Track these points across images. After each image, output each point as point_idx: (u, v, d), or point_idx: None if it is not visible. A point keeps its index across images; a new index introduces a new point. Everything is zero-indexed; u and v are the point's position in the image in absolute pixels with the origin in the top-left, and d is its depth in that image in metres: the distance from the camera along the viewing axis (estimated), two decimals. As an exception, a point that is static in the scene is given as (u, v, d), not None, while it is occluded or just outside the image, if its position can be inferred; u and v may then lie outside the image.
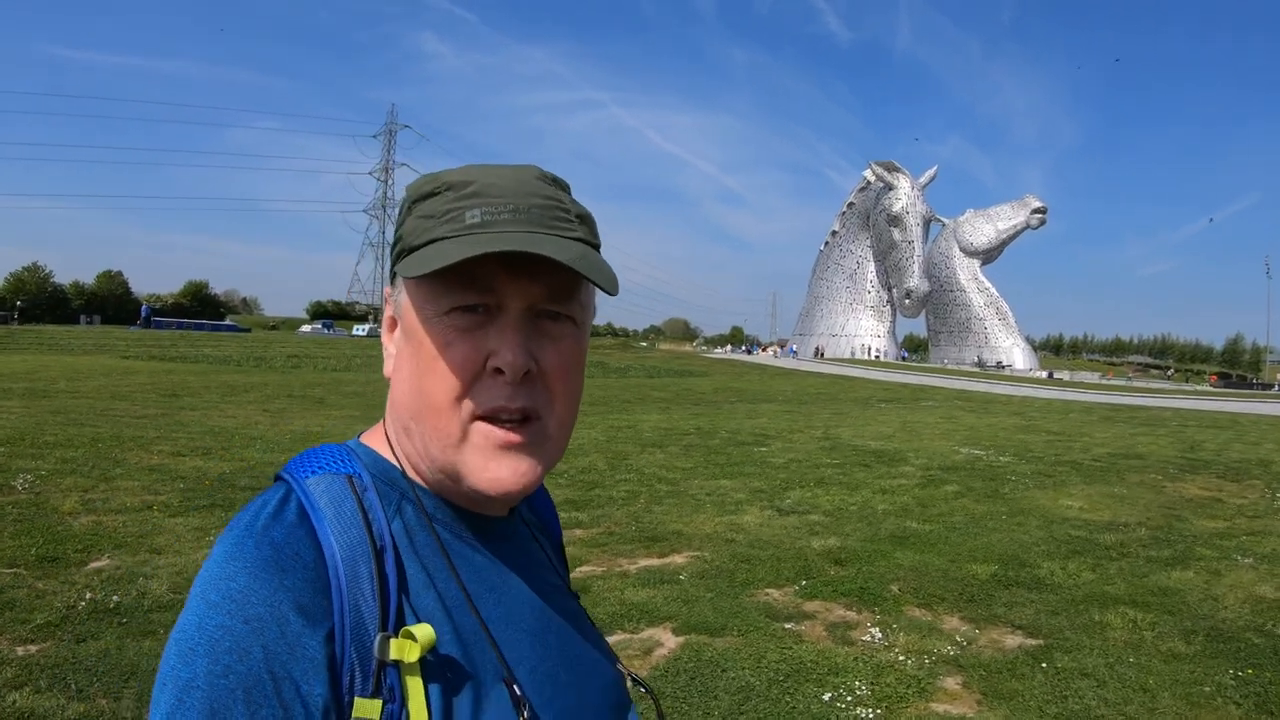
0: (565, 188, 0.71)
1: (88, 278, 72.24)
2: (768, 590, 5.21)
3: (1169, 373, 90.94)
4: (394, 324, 0.72)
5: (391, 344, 0.72)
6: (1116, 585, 5.53)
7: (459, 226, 0.64)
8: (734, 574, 5.52)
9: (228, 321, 67.82)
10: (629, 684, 0.79)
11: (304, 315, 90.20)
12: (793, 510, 7.77)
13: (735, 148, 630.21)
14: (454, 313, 0.65)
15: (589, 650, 0.76)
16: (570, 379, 0.69)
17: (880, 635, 4.45)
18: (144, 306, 57.83)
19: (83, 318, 59.17)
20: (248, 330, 57.28)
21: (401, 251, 0.68)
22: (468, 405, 0.66)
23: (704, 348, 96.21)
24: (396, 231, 0.71)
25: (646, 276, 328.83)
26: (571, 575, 1.38)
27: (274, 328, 71.54)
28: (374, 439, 0.74)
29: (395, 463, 0.71)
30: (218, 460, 8.52)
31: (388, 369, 0.72)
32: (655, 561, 5.78)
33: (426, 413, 0.66)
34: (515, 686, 0.64)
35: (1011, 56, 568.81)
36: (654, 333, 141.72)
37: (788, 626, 4.53)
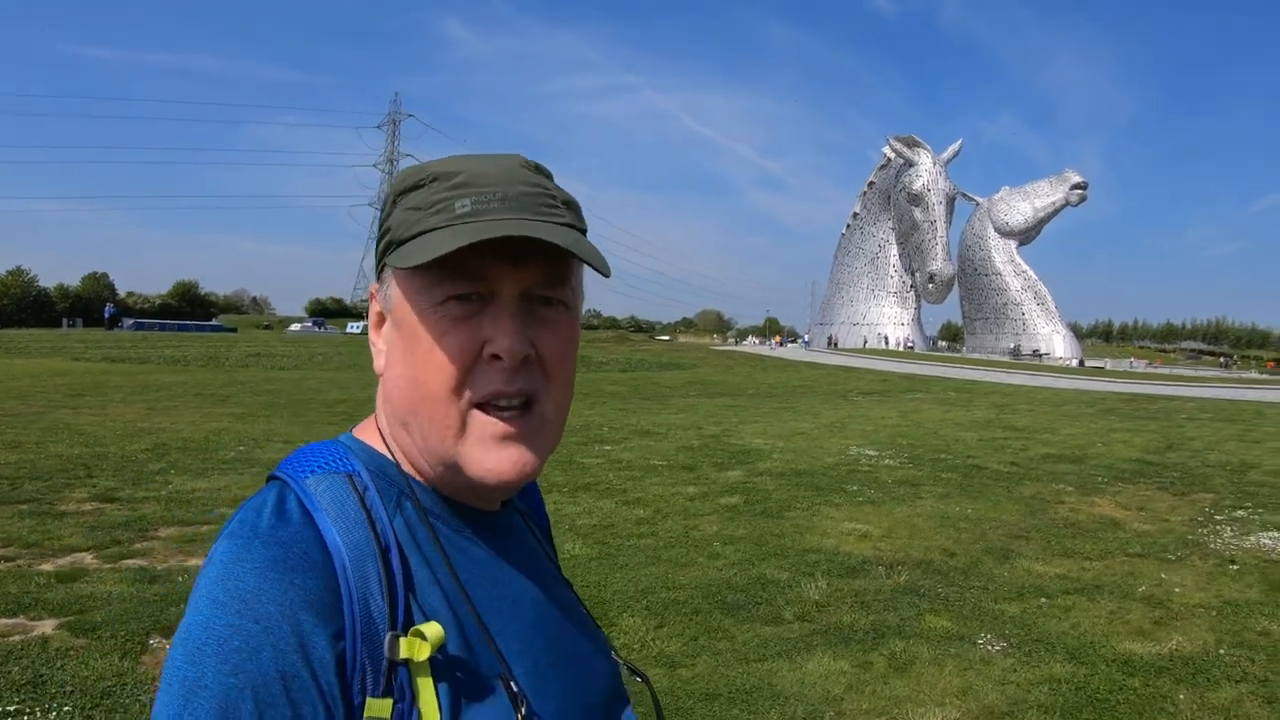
0: (549, 175, 0.70)
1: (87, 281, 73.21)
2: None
3: (1221, 360, 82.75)
4: (382, 320, 0.70)
5: (381, 340, 0.70)
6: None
7: (449, 216, 0.63)
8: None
9: (214, 322, 67.22)
10: (625, 673, 0.79)
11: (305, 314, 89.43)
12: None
13: (775, 130, 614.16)
14: (448, 302, 0.64)
15: (586, 641, 0.75)
16: (566, 363, 0.68)
17: None
18: (108, 307, 56.94)
19: (65, 321, 58.55)
20: (233, 330, 56.27)
21: (390, 244, 0.66)
22: (466, 394, 0.64)
23: (733, 339, 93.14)
24: (382, 225, 0.69)
25: (678, 268, 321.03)
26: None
27: (267, 327, 70.80)
28: (367, 434, 0.72)
29: (391, 458, 0.69)
30: (13, 453, 8.32)
31: (379, 365, 0.70)
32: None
33: (424, 403, 0.65)
34: (513, 684, 0.63)
35: (1066, 26, 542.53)
36: (683, 325, 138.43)
37: None
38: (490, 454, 0.64)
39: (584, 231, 0.68)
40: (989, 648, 3.82)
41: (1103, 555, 5.78)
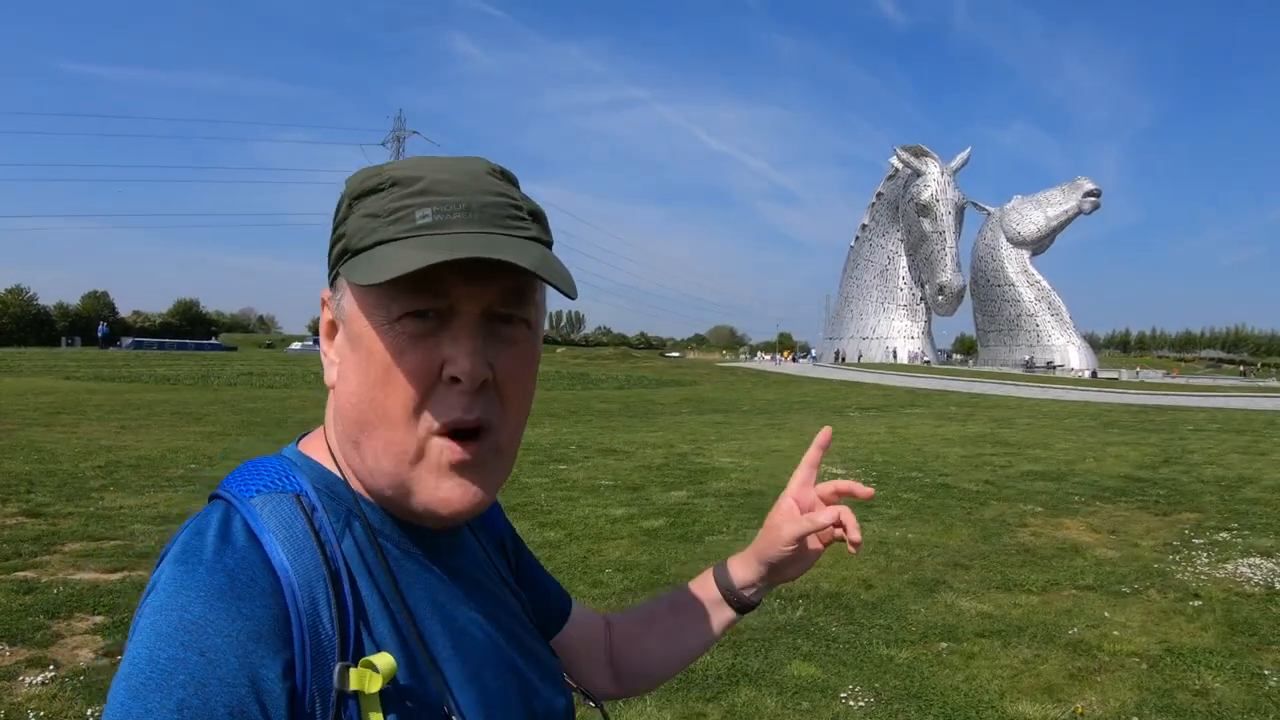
0: (514, 181, 0.67)
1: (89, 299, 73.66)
2: None
3: (1241, 368, 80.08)
4: (333, 329, 0.67)
5: (332, 351, 0.67)
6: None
7: (408, 227, 0.60)
8: None
9: (214, 341, 67.50)
10: (579, 698, 0.79)
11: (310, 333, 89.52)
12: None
13: (787, 143, 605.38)
14: (405, 319, 0.61)
15: (535, 667, 0.73)
16: (524, 385, 0.66)
17: None
18: (101, 325, 57.03)
19: (64, 339, 58.41)
20: (232, 349, 56.36)
21: (344, 252, 0.63)
22: (424, 419, 0.62)
23: (745, 356, 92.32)
24: (336, 229, 0.65)
25: (691, 284, 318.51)
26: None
27: (269, 346, 71.05)
28: (314, 448, 0.69)
29: (339, 475, 0.66)
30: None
31: (330, 377, 0.67)
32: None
33: (379, 426, 0.62)
34: (454, 718, 0.61)
35: (1078, 33, 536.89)
36: (695, 342, 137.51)
37: None
38: (444, 483, 0.61)
39: (550, 244, 0.65)
40: (851, 703, 3.23)
41: (1046, 588, 5.14)
